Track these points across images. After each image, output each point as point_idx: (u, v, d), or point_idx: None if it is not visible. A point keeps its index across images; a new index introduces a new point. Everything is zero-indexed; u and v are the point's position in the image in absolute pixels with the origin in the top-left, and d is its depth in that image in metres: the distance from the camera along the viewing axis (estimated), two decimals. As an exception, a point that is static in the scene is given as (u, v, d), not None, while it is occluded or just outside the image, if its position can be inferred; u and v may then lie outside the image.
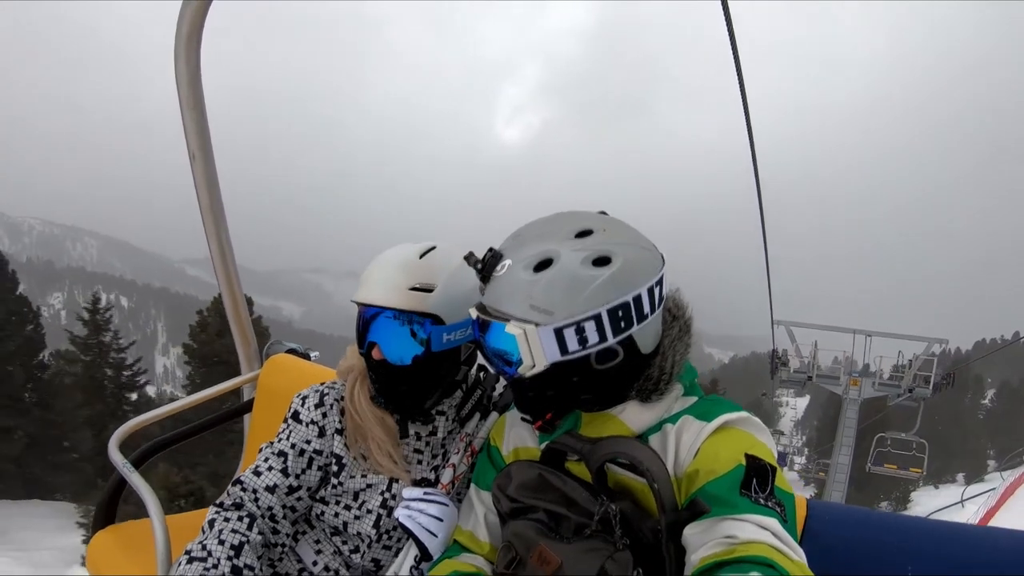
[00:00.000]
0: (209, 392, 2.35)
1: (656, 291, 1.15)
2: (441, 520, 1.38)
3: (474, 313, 1.18)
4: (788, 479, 1.11)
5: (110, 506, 2.11)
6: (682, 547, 1.03)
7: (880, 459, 17.89)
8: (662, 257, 1.19)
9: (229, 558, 1.30)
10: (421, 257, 1.43)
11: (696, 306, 1.29)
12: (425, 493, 1.42)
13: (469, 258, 1.20)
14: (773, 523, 0.97)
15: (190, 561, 1.29)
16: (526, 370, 1.12)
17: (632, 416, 1.22)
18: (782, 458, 25.09)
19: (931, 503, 28.82)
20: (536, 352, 1.10)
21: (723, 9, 2.42)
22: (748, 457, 1.06)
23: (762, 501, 1.00)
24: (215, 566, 1.29)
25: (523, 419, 1.29)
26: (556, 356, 1.10)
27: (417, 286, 1.38)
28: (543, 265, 1.11)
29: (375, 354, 1.43)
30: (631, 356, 1.16)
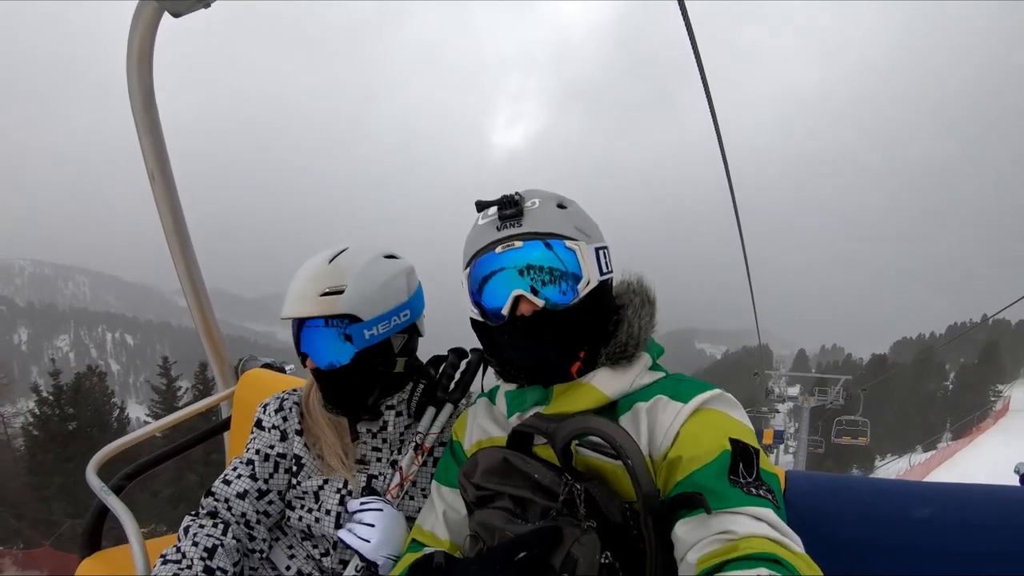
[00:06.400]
0: (184, 412, 2.22)
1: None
2: (373, 525, 1.35)
3: (497, 248, 1.14)
4: (783, 462, 1.05)
5: (94, 532, 1.95)
6: (660, 523, 0.96)
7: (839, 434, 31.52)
8: None
9: (202, 559, 1.32)
10: (330, 262, 1.43)
11: (688, 301, 1.24)
12: (362, 503, 1.40)
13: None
14: (768, 513, 0.91)
15: (164, 563, 1.30)
16: (583, 288, 1.15)
17: (604, 381, 1.17)
18: (779, 436, 32.65)
19: (893, 467, 38.52)
20: (591, 267, 1.16)
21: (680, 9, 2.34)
22: (732, 442, 1.00)
23: (753, 490, 0.94)
24: (188, 567, 1.30)
25: (548, 380, 1.21)
26: (598, 275, 1.17)
27: (327, 290, 1.38)
28: (563, 206, 1.20)
29: (308, 364, 1.43)
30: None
